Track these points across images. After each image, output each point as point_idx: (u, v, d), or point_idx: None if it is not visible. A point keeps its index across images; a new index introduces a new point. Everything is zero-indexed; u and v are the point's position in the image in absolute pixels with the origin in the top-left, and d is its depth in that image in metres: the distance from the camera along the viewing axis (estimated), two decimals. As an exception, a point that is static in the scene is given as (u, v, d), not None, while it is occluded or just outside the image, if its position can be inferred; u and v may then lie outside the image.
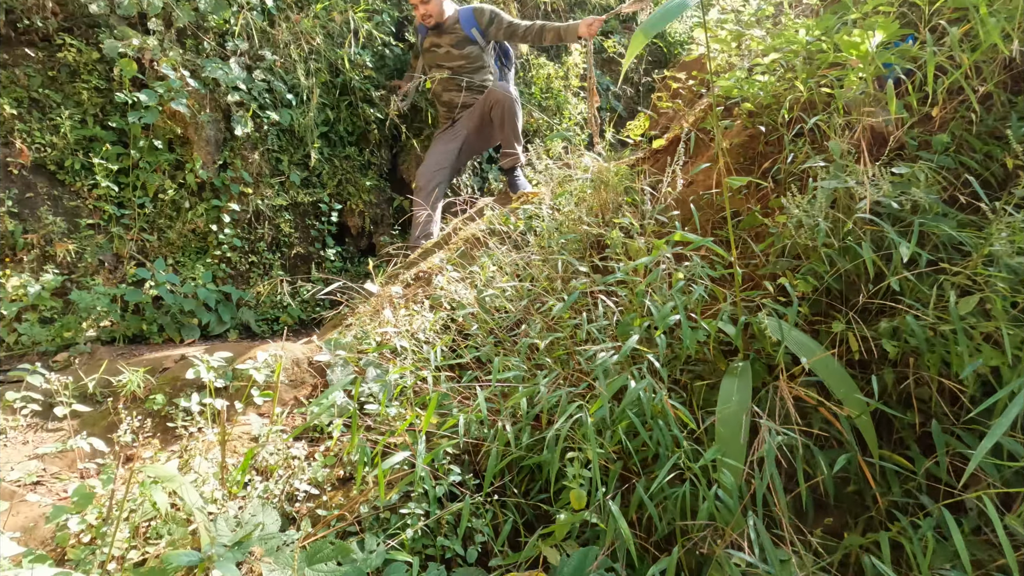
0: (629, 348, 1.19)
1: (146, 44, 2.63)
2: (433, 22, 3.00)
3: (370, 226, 3.55)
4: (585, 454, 1.10)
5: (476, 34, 3.06)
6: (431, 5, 2.94)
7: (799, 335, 1.23)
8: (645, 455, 1.26)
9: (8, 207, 2.32)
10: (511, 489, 1.36)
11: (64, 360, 2.09)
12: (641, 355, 1.34)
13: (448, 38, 3.04)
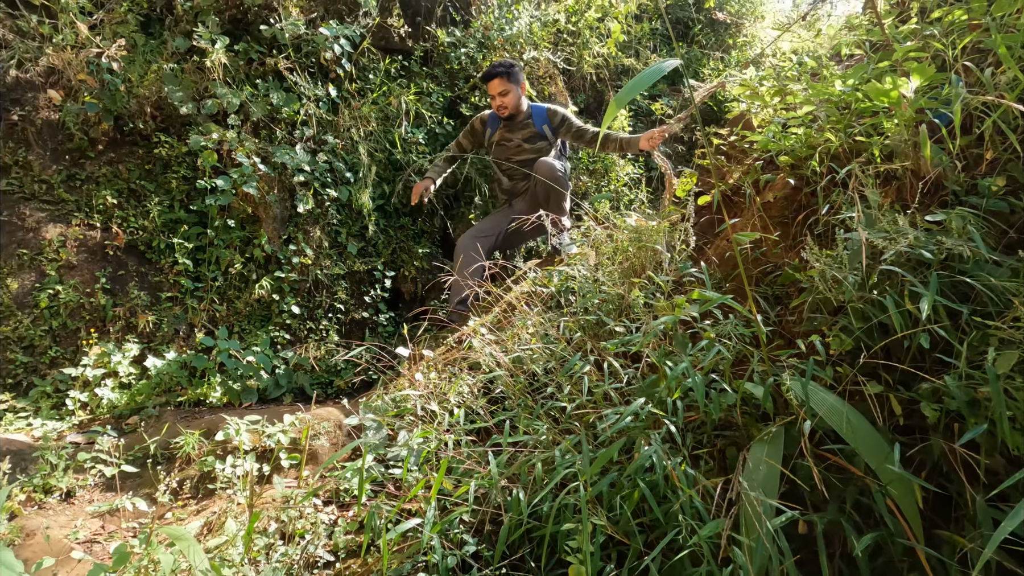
0: (633, 411, 1.13)
1: (225, 136, 2.98)
2: (508, 114, 3.12)
3: (422, 291, 3.68)
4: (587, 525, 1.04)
5: (547, 131, 3.20)
6: (508, 98, 3.07)
7: (828, 397, 1.13)
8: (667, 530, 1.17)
9: (103, 284, 2.63)
10: (529, 562, 1.30)
11: (134, 423, 2.27)
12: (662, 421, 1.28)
13: (520, 133, 3.19)
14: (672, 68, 0.95)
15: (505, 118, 3.15)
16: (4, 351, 2.35)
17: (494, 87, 3.08)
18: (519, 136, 3.19)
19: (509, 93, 3.07)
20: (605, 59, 4.98)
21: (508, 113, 3.12)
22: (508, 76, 3.06)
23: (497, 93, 3.07)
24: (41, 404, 2.28)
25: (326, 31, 3.39)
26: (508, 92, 3.07)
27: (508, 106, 3.09)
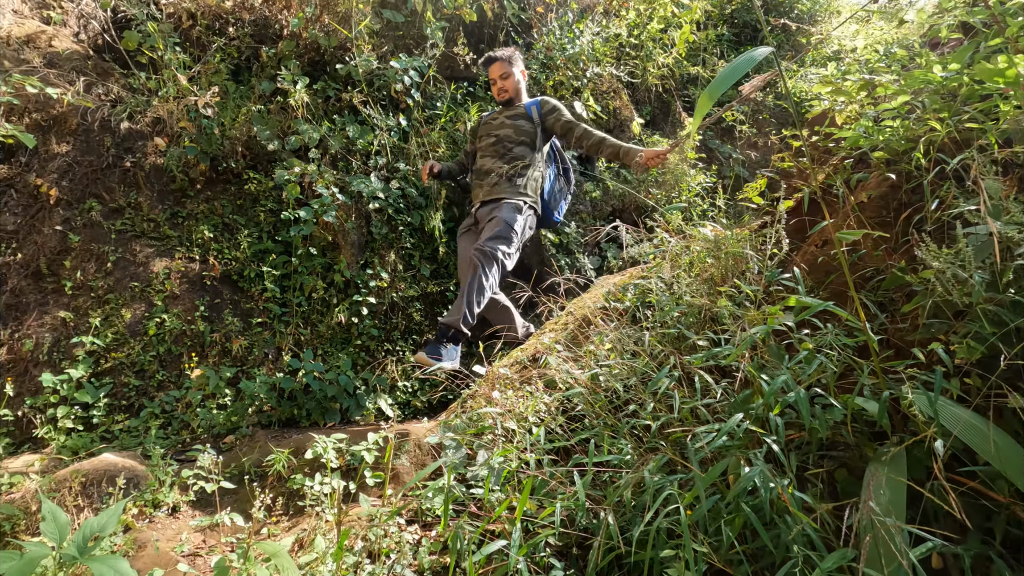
0: (729, 428, 1.05)
1: (307, 170, 3.15)
2: (507, 97, 3.12)
3: (493, 311, 3.70)
4: (690, 552, 0.96)
5: (534, 112, 3.10)
6: (509, 82, 3.09)
7: (961, 413, 1.00)
8: (774, 559, 1.07)
9: (201, 311, 2.82)
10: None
11: (231, 442, 2.40)
12: (762, 439, 1.18)
13: (509, 112, 3.14)
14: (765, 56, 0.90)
15: (504, 102, 3.14)
16: (119, 375, 2.57)
17: (494, 71, 3.11)
18: (505, 114, 3.14)
19: (510, 76, 3.08)
20: (671, 69, 4.89)
21: (508, 97, 3.11)
22: (508, 60, 3.08)
23: (498, 76, 3.10)
24: (150, 424, 2.46)
25: (396, 64, 3.55)
26: (509, 75, 3.08)
27: (508, 89, 3.10)
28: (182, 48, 3.50)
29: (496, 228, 2.84)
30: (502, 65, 3.07)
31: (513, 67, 3.08)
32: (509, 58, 3.07)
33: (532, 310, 3.64)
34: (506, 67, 3.07)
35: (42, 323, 2.55)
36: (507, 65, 3.07)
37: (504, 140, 3.06)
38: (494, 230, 2.84)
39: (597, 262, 3.97)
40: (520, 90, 3.14)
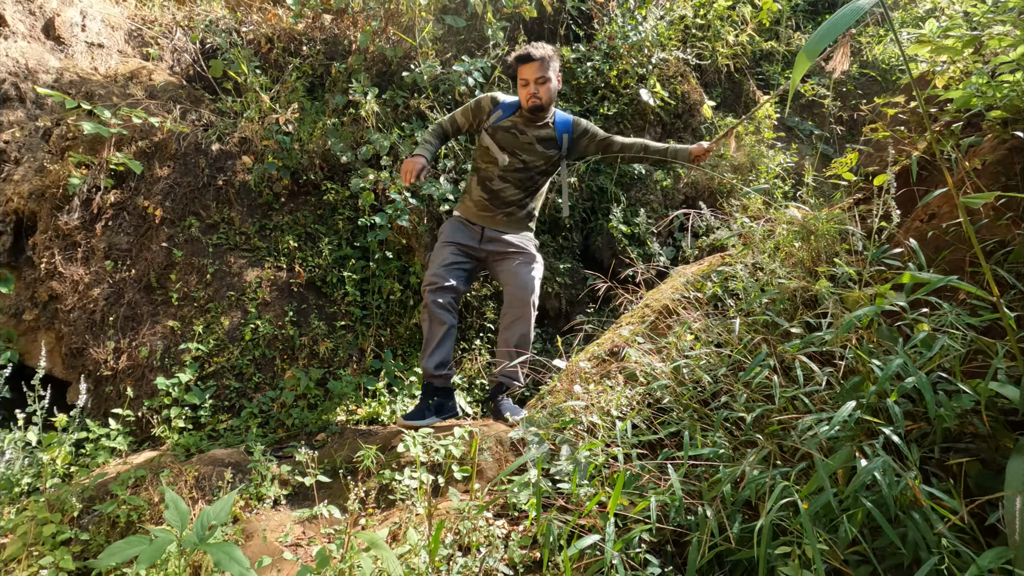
0: (841, 417, 0.96)
1: (380, 177, 3.26)
2: (538, 104, 2.56)
3: (567, 307, 3.67)
4: (804, 550, 0.89)
5: (565, 140, 2.67)
6: (544, 88, 2.53)
7: None
8: (900, 559, 0.97)
9: (290, 317, 2.99)
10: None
11: (322, 439, 2.52)
12: (877, 429, 1.08)
13: (538, 132, 2.62)
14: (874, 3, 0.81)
15: (532, 109, 2.56)
16: (221, 378, 2.77)
17: (530, 71, 2.52)
18: (534, 133, 2.62)
19: (548, 83, 2.53)
20: (743, 46, 4.65)
21: (539, 104, 2.55)
22: (547, 62, 2.52)
23: (534, 79, 2.51)
24: (250, 423, 2.63)
25: (459, 67, 3.60)
26: (547, 81, 2.53)
27: (543, 96, 2.54)
28: (262, 71, 3.73)
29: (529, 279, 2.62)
30: (540, 67, 2.50)
31: (551, 71, 2.54)
32: (548, 58, 2.52)
33: (607, 304, 3.57)
34: (544, 69, 2.51)
35: (154, 332, 2.79)
36: (545, 67, 2.51)
37: (532, 169, 2.64)
38: (529, 282, 2.61)
39: (671, 252, 3.84)
40: (553, 99, 2.62)
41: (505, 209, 2.67)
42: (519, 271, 2.61)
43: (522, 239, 2.71)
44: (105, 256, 2.87)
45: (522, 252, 2.67)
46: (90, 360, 2.70)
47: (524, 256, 2.66)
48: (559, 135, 2.66)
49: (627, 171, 4.02)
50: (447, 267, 2.60)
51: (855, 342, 1.22)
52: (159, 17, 4.09)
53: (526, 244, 2.71)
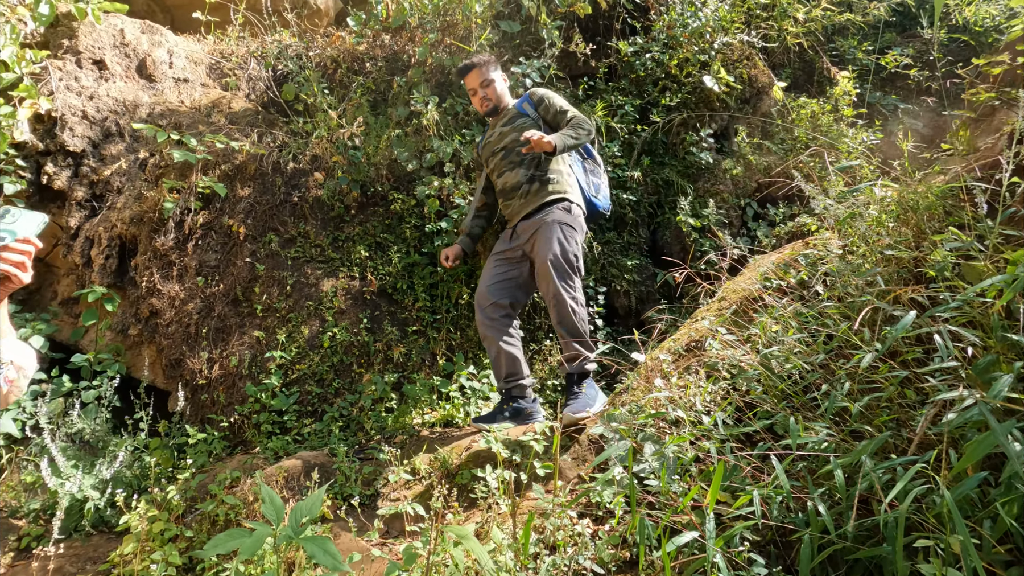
0: (1000, 394, 0.85)
1: (444, 183, 3.31)
2: (491, 106, 2.74)
3: (636, 304, 3.57)
4: (947, 545, 0.79)
5: (527, 108, 2.74)
6: (490, 89, 2.71)
7: None
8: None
9: (365, 324, 3.07)
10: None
11: (401, 441, 2.56)
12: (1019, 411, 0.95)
13: (502, 120, 2.76)
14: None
15: (488, 112, 2.76)
16: (304, 384, 2.88)
17: (472, 80, 2.73)
18: (500, 123, 2.76)
19: (491, 84, 2.71)
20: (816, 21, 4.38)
21: (492, 105, 2.74)
22: (486, 66, 2.72)
23: (478, 85, 2.71)
24: (332, 427, 2.72)
25: (517, 70, 3.61)
26: (490, 83, 2.71)
27: (491, 97, 2.72)
28: (330, 91, 3.90)
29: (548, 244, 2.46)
30: (480, 72, 2.70)
31: (492, 72, 2.72)
32: (484, 63, 2.71)
33: (680, 299, 3.44)
34: (484, 73, 2.70)
35: (242, 342, 2.95)
36: (485, 71, 2.70)
37: (511, 147, 2.67)
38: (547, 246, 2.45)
39: (746, 243, 3.65)
40: (503, 94, 2.77)
41: (518, 193, 2.64)
42: (539, 245, 2.49)
43: (544, 212, 2.56)
44: (197, 273, 3.07)
45: (541, 226, 2.53)
46: (187, 370, 2.88)
47: (543, 228, 2.51)
48: (521, 108, 2.75)
49: (693, 162, 3.88)
50: (490, 285, 2.62)
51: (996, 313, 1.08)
52: (235, 50, 4.37)
53: (546, 215, 2.55)
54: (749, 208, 3.83)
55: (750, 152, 3.95)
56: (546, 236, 2.47)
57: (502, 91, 2.75)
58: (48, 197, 3.25)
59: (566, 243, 2.47)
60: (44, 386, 2.60)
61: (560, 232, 2.48)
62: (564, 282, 2.42)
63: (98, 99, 3.39)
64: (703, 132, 3.85)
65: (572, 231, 2.53)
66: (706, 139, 3.87)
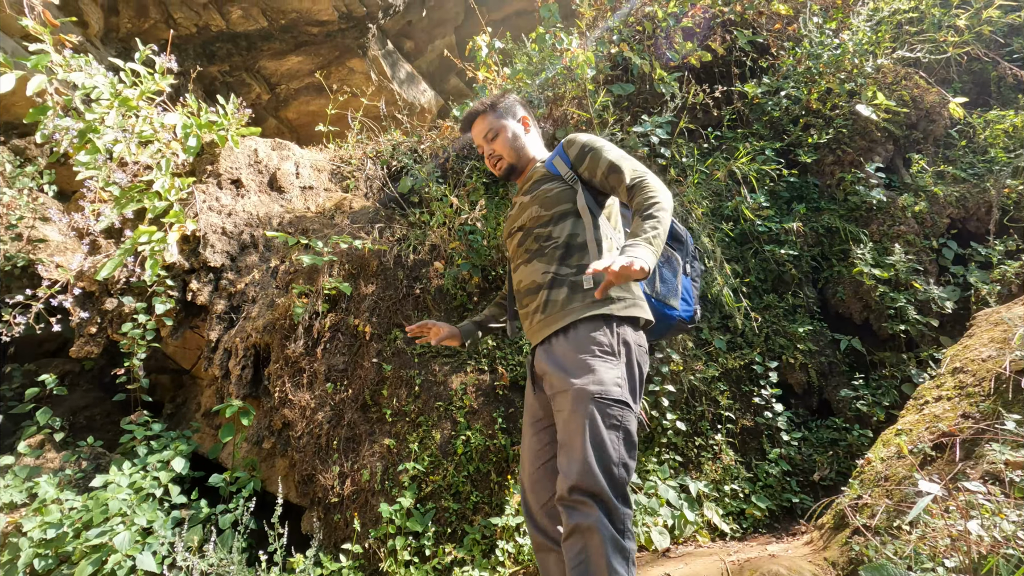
0: None
1: (572, 260, 3.01)
2: (507, 165, 1.80)
3: (817, 379, 2.92)
4: None
5: (560, 165, 1.71)
6: (499, 142, 1.79)
7: None
8: None
9: (500, 424, 2.74)
10: None
11: (558, 574, 2.11)
12: None
13: (527, 185, 1.78)
14: None
15: (504, 175, 1.82)
16: (439, 500, 2.56)
17: (477, 134, 1.85)
18: (523, 190, 1.79)
19: (500, 134, 1.79)
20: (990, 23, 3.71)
21: (507, 164, 1.80)
22: (491, 111, 1.82)
23: (483, 139, 1.83)
24: (474, 552, 2.34)
25: (639, 128, 3.32)
26: (498, 133, 1.80)
27: (503, 153, 1.80)
28: (443, 179, 3.86)
29: (583, 440, 1.36)
30: (483, 122, 1.82)
31: (503, 118, 1.82)
32: (487, 108, 1.83)
33: (874, 370, 2.75)
34: (488, 123, 1.81)
35: (372, 452, 2.72)
36: (492, 118, 1.82)
37: (531, 227, 1.69)
38: (580, 448, 1.36)
39: (954, 292, 2.92)
40: (521, 148, 1.81)
41: (531, 301, 1.64)
42: (565, 429, 1.42)
43: (572, 343, 1.51)
44: (326, 378, 2.95)
45: (566, 384, 1.45)
46: (319, 486, 2.69)
47: (570, 394, 1.43)
48: (551, 166, 1.74)
49: (859, 202, 3.27)
50: (531, 475, 1.60)
51: None
52: (353, 154, 4.56)
53: (566, 328, 1.54)
54: (946, 249, 3.11)
55: (932, 183, 3.27)
56: (578, 424, 1.38)
57: (518, 144, 1.80)
58: (193, 312, 3.37)
59: (603, 432, 1.36)
60: (184, 512, 2.50)
61: (599, 411, 1.38)
62: (601, 524, 1.30)
63: (235, 215, 3.56)
64: (869, 167, 3.26)
65: (616, 390, 1.41)
66: (873, 175, 3.27)
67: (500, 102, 1.84)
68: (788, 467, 2.56)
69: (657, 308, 1.69)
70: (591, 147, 1.66)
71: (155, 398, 3.27)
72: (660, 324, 1.72)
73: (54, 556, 2.23)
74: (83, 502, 2.37)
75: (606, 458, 1.33)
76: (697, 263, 1.91)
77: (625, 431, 1.38)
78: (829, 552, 1.74)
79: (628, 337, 1.51)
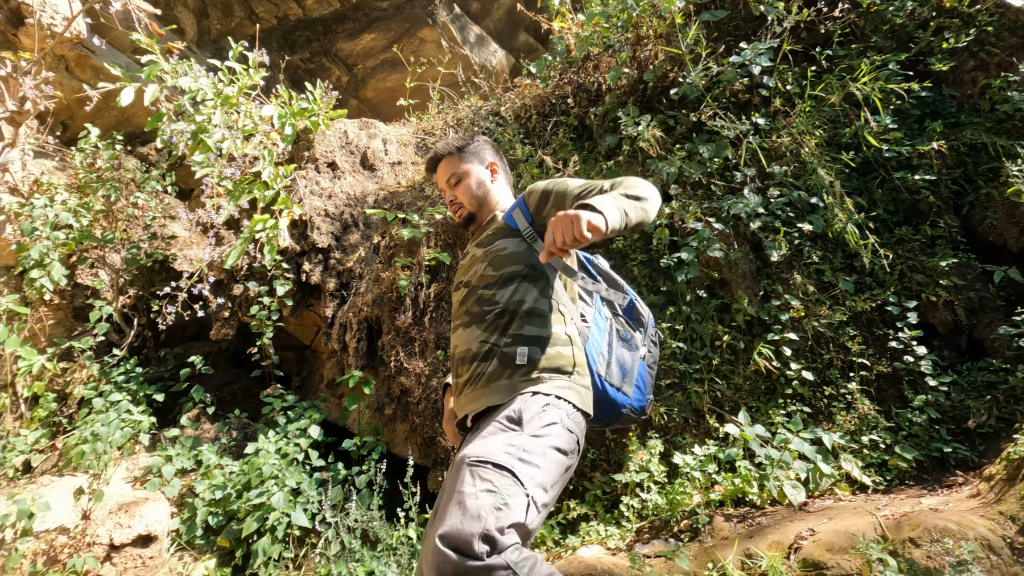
0: None
1: (673, 209, 2.86)
2: (467, 213, 1.64)
3: (966, 317, 2.61)
4: None
5: (520, 219, 1.50)
6: (461, 189, 1.63)
7: None
8: None
9: (610, 382, 2.71)
10: None
11: (686, 529, 2.08)
12: None
13: (482, 236, 1.58)
14: None
15: (464, 222, 1.65)
16: (556, 458, 2.60)
17: (441, 176, 1.69)
18: (475, 243, 1.60)
19: (463, 180, 1.63)
20: None
21: (467, 212, 1.63)
22: (457, 154, 1.66)
23: (446, 183, 1.67)
24: (596, 508, 2.37)
25: (737, 58, 3.04)
26: (461, 179, 1.64)
27: (464, 201, 1.63)
28: (526, 138, 3.78)
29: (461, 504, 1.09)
30: (448, 164, 1.67)
31: (468, 162, 1.65)
32: (454, 150, 1.67)
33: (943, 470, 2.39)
34: (453, 166, 1.66)
35: (487, 414, 2.80)
36: (454, 163, 1.66)
37: (476, 286, 1.49)
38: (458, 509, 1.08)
39: None
40: (486, 195, 1.64)
41: (467, 371, 1.43)
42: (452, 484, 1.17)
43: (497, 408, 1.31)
44: (436, 346, 3.05)
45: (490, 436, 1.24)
46: (440, 448, 2.82)
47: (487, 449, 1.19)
48: (508, 218, 1.53)
49: (1009, 112, 2.82)
50: None
51: None
52: (435, 124, 4.58)
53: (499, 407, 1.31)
54: None
55: None
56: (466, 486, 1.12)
57: (482, 192, 1.63)
58: (308, 291, 3.59)
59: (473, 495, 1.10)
60: (325, 474, 2.72)
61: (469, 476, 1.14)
62: None
63: (335, 196, 3.72)
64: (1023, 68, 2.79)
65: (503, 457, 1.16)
66: None
67: (468, 145, 1.67)
68: (936, 414, 2.33)
69: (608, 393, 1.45)
70: (552, 187, 1.45)
71: (283, 372, 3.55)
72: (608, 412, 1.47)
73: (223, 514, 2.52)
74: (240, 467, 2.65)
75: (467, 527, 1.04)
76: (656, 349, 1.64)
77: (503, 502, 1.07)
78: (1005, 505, 1.57)
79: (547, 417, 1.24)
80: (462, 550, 1.00)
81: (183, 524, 2.48)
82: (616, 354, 1.51)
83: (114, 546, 2.24)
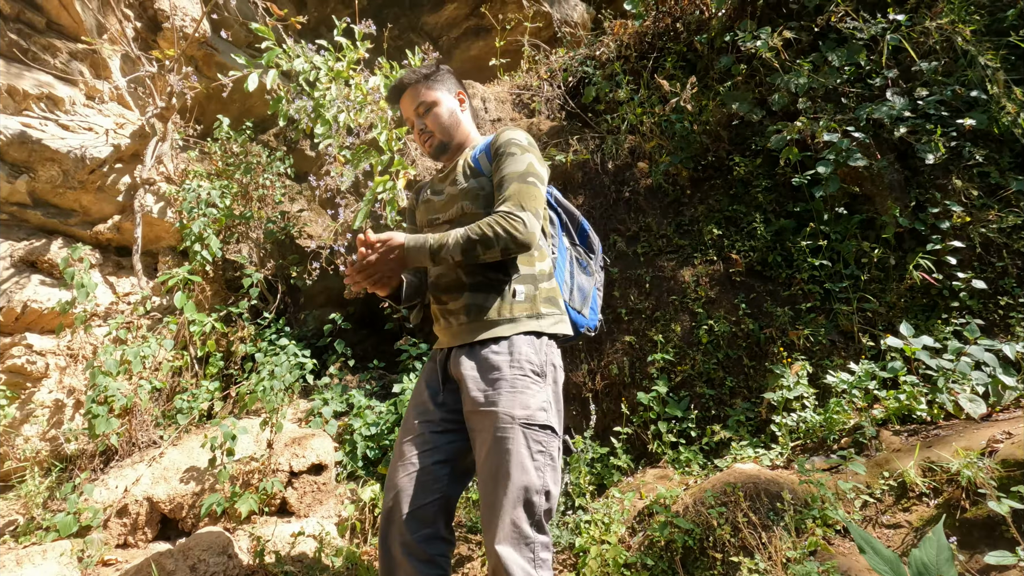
0: None
1: (804, 124, 2.66)
2: (438, 142, 1.60)
3: None
4: None
5: (484, 162, 1.51)
6: (431, 117, 1.59)
7: None
8: None
9: (743, 310, 2.62)
10: None
11: (847, 443, 1.99)
12: None
13: (454, 175, 1.55)
14: None
15: (435, 152, 1.61)
16: (692, 387, 2.56)
17: (407, 106, 1.62)
18: (449, 178, 1.56)
19: (432, 108, 1.58)
20: None
21: (438, 141, 1.59)
22: (427, 81, 1.60)
23: (413, 112, 1.61)
24: (741, 432, 2.32)
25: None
26: (431, 107, 1.58)
27: (435, 130, 1.59)
28: (628, 78, 3.67)
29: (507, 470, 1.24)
30: (414, 93, 1.61)
31: (436, 89, 1.61)
32: (422, 79, 1.62)
33: None
34: (421, 94, 1.60)
35: (615, 349, 2.81)
36: (424, 89, 1.60)
37: (457, 222, 1.50)
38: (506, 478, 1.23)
39: None
40: (458, 124, 1.62)
41: (451, 301, 1.46)
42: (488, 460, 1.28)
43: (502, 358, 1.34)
44: (556, 288, 3.09)
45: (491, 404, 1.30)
46: (571, 383, 2.87)
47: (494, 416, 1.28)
48: (474, 159, 1.54)
49: None
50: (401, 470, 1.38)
51: None
52: (528, 80, 4.57)
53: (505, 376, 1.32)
54: None
55: None
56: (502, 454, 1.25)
57: (454, 120, 1.62)
58: (425, 250, 3.76)
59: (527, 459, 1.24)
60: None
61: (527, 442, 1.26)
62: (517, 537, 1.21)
63: (443, 156, 3.84)
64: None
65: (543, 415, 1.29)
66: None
67: (434, 73, 1.64)
68: None
69: (570, 315, 1.52)
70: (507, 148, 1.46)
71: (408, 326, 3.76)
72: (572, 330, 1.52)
73: (377, 448, 2.75)
74: (386, 407, 2.86)
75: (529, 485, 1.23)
76: (602, 273, 1.73)
77: (550, 457, 1.28)
78: None
79: (555, 360, 1.40)
80: None
81: (346, 456, 2.73)
82: (577, 280, 1.60)
83: (293, 472, 2.52)
